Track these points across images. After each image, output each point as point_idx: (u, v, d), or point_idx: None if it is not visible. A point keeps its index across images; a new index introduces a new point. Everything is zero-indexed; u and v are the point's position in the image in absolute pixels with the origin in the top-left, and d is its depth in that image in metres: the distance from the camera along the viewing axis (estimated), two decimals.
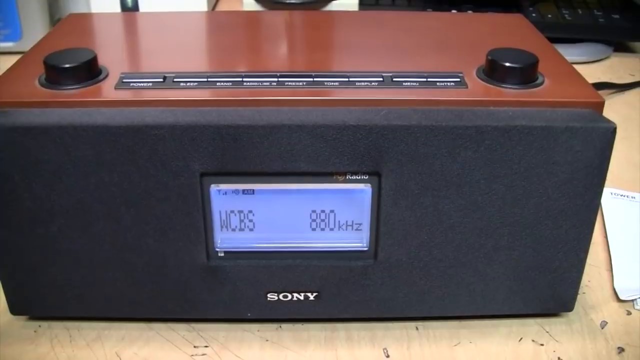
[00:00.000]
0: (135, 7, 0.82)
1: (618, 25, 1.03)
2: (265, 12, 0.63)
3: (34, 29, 1.00)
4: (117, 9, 0.81)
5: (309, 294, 0.49)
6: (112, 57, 0.51)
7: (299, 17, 0.62)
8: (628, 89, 0.92)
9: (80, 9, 1.10)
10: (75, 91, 0.45)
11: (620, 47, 1.06)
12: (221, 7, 1.21)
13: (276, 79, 0.46)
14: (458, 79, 0.47)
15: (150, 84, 0.46)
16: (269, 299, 0.49)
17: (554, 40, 0.98)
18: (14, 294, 0.49)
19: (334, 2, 0.81)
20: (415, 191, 0.45)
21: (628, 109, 0.87)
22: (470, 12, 1.05)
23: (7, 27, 0.99)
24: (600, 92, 0.87)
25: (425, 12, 0.62)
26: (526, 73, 0.47)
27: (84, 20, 0.60)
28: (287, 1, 0.79)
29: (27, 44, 0.97)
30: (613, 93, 0.91)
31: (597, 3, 1.09)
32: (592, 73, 0.98)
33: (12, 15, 0.99)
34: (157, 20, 0.60)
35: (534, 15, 1.04)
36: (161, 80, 0.46)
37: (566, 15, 1.04)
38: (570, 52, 1.00)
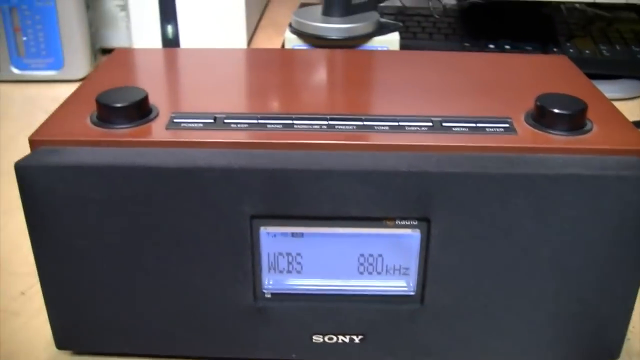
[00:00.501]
0: (176, 38, 0.83)
1: None
2: (308, 51, 0.64)
3: (76, 58, 1.01)
4: (158, 39, 0.82)
5: (354, 337, 0.49)
6: (161, 95, 0.51)
7: (340, 55, 0.62)
8: None
9: (120, 38, 1.11)
10: (127, 130, 0.46)
11: None
12: (258, 37, 1.23)
13: (326, 122, 0.47)
14: (507, 125, 0.47)
15: (201, 125, 0.46)
16: (314, 340, 0.49)
17: (591, 76, 0.99)
18: (61, 328, 0.49)
19: (375, 38, 0.82)
20: (464, 237, 0.45)
21: None
22: (507, 46, 1.05)
23: (50, 55, 1.01)
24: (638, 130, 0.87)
25: (467, 53, 0.62)
26: (575, 120, 0.47)
27: (131, 56, 0.61)
28: (329, 37, 0.79)
29: (68, 73, 1.00)
30: None
31: (634, 39, 1.09)
32: (630, 110, 0.97)
33: (55, 45, 1.00)
34: (200, 56, 0.60)
35: (571, 50, 1.04)
36: (212, 121, 0.47)
37: (604, 51, 1.04)
38: (608, 89, 1.00)
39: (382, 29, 0.83)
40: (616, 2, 0.99)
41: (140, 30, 1.05)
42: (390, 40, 0.83)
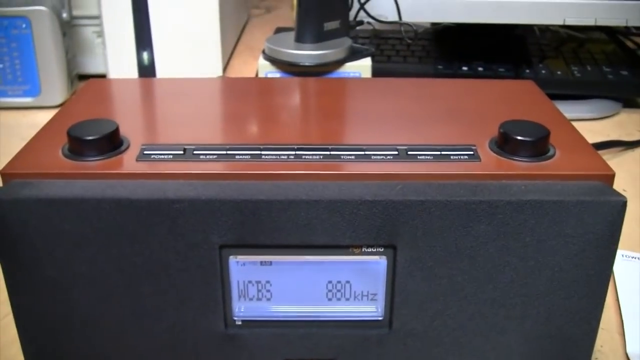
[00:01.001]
0: (152, 65, 0.83)
1: (627, 81, 1.04)
2: (280, 79, 0.65)
3: (53, 85, 1.02)
4: (134, 66, 0.82)
5: None
6: (132, 126, 0.52)
7: (313, 84, 0.63)
8: (637, 146, 0.93)
9: (97, 64, 1.12)
10: (98, 162, 0.47)
11: (629, 103, 1.07)
12: (234, 63, 1.24)
13: (294, 152, 0.48)
14: (471, 152, 0.48)
15: (171, 156, 0.47)
16: None
17: (563, 96, 1.00)
18: (34, 358, 0.50)
19: (347, 64, 0.83)
20: (430, 263, 0.46)
21: (637, 167, 0.88)
22: (481, 69, 1.06)
23: (26, 82, 1.01)
24: (609, 149, 0.89)
25: (437, 80, 0.63)
26: (538, 146, 0.48)
27: (104, 86, 0.61)
28: (301, 63, 0.80)
29: (45, 100, 1.01)
30: (622, 150, 0.92)
31: (606, 60, 1.11)
32: (601, 129, 0.99)
33: (31, 72, 1.01)
34: (174, 86, 0.61)
35: (543, 72, 1.05)
36: (181, 152, 0.48)
37: (575, 72, 1.06)
38: (579, 109, 1.02)
39: (354, 55, 0.84)
40: (587, 24, 1.00)
41: (117, 57, 1.06)
42: (363, 66, 0.84)
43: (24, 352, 0.49)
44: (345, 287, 0.48)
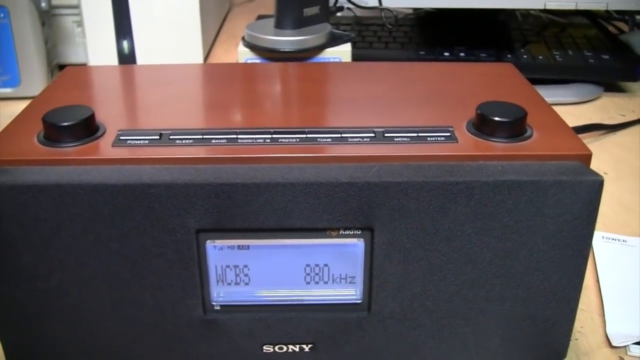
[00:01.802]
0: (132, 54, 0.83)
1: (608, 65, 1.05)
2: (259, 65, 0.65)
3: (32, 75, 1.01)
4: (114, 55, 0.82)
5: (304, 346, 0.49)
6: (109, 112, 0.52)
7: (293, 69, 0.63)
8: (619, 130, 0.94)
9: (78, 54, 1.11)
10: (74, 149, 0.46)
11: (611, 87, 1.07)
12: (216, 51, 1.23)
13: (270, 136, 0.47)
14: (448, 134, 0.48)
15: (147, 142, 0.47)
16: (264, 351, 0.49)
17: (545, 81, 1.01)
18: (13, 348, 0.49)
19: (327, 49, 0.82)
20: (407, 245, 0.46)
21: (619, 150, 0.88)
22: (462, 54, 1.06)
23: (6, 73, 1.01)
24: (591, 132, 0.89)
25: (417, 63, 0.63)
26: (515, 127, 0.48)
27: (82, 73, 0.61)
28: (281, 49, 0.80)
29: (25, 90, 1.00)
30: (604, 134, 0.92)
31: (587, 44, 1.11)
32: (583, 113, 0.99)
33: (10, 62, 1.00)
34: (153, 73, 0.61)
35: (525, 56, 1.06)
36: (157, 137, 0.47)
37: (557, 56, 1.06)
38: (561, 93, 1.02)
39: (334, 40, 0.84)
40: (567, 8, 1.01)
41: (96, 46, 1.05)
42: (343, 52, 0.84)
43: (2, 341, 0.49)
44: (324, 271, 0.48)
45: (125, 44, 0.83)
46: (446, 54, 1.07)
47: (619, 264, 0.64)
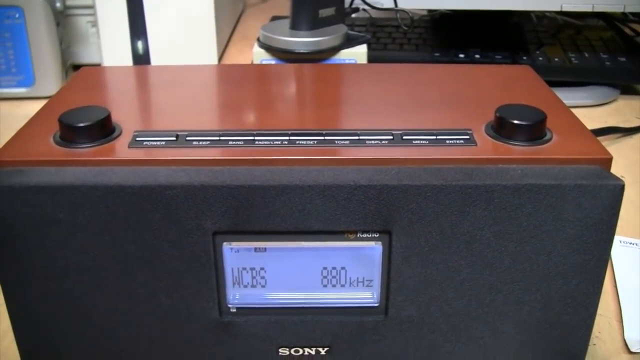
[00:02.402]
0: (147, 54, 0.83)
1: (624, 68, 1.04)
2: (275, 66, 0.64)
3: (47, 75, 1.01)
4: (128, 55, 0.82)
5: (320, 349, 0.49)
6: (125, 113, 0.51)
7: (308, 70, 0.63)
8: (635, 133, 0.93)
9: (92, 55, 1.11)
10: (90, 150, 0.46)
11: (627, 90, 1.06)
12: (230, 52, 1.23)
13: (287, 137, 0.47)
14: (467, 137, 0.47)
15: (163, 143, 0.47)
16: (280, 354, 0.49)
17: (560, 83, 1.00)
18: (28, 348, 0.49)
19: (343, 50, 0.82)
20: (426, 249, 0.45)
21: (635, 153, 0.87)
22: (477, 56, 1.06)
23: (20, 73, 1.01)
24: (607, 136, 0.89)
25: (433, 65, 0.63)
26: (534, 130, 0.47)
27: (97, 74, 0.61)
28: (296, 50, 0.79)
29: (39, 90, 1.00)
30: (620, 137, 0.92)
31: (603, 46, 1.10)
32: (599, 116, 0.98)
33: (25, 62, 1.00)
34: (168, 74, 0.60)
35: (540, 59, 1.05)
36: (174, 138, 0.47)
37: (573, 59, 1.05)
38: (577, 96, 1.01)
39: (350, 42, 0.84)
40: (584, 10, 1.00)
41: (111, 46, 1.05)
42: (358, 53, 0.83)
43: (18, 342, 0.49)
44: (341, 274, 0.47)
45: (139, 44, 0.83)
46: (461, 55, 1.06)
47: (636, 269, 0.64)
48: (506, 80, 0.59)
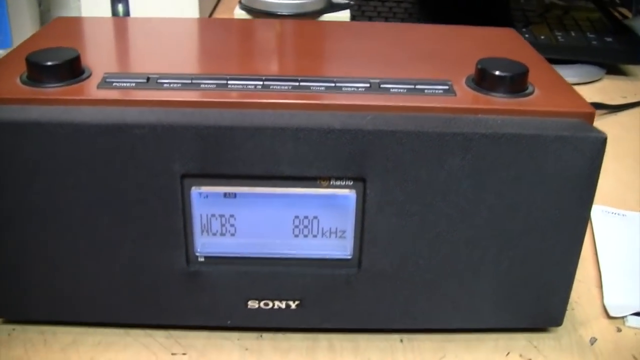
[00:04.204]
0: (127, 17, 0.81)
1: (611, 47, 1.03)
2: (257, 21, 0.63)
3: (25, 37, 0.99)
4: None
5: (290, 303, 0.48)
6: (97, 58, 0.50)
7: (290, 26, 0.61)
8: (620, 110, 0.92)
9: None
10: (57, 89, 0.45)
11: (613, 69, 1.05)
12: (214, 16, 1.21)
13: (261, 82, 0.46)
14: (447, 87, 0.46)
15: (134, 84, 0.45)
16: (249, 306, 0.48)
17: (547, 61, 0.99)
18: None
19: (325, 14, 0.81)
20: (401, 198, 0.44)
21: (620, 130, 0.86)
22: None
23: None
24: None
25: (416, 24, 0.62)
26: (516, 82, 0.46)
27: (71, 23, 0.59)
28: (279, 12, 0.78)
29: None
30: (605, 114, 0.91)
31: (590, 26, 1.09)
32: (585, 94, 0.95)
33: (3, 25, 0.98)
34: (145, 25, 0.59)
35: (527, 36, 1.04)
36: (144, 80, 0.45)
37: (559, 37, 1.04)
38: (563, 73, 0.98)
39: (332, 7, 0.83)
40: None
41: (91, 9, 1.03)
42: (341, 18, 0.82)
43: None
44: (313, 223, 0.46)
45: (120, 6, 0.81)
46: None
47: (617, 237, 0.62)
48: (490, 40, 0.58)
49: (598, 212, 0.66)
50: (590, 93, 0.98)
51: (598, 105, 0.89)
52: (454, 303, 0.48)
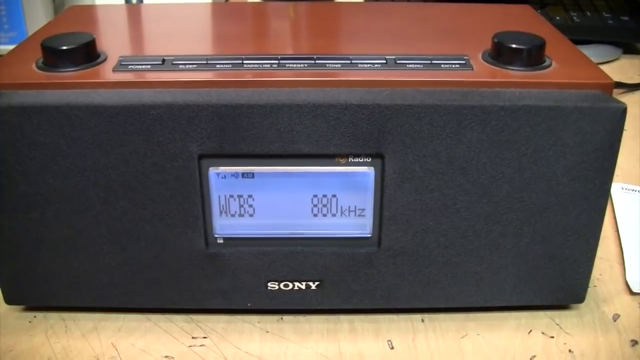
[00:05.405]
0: (140, 2, 0.81)
1: (627, 27, 1.02)
2: (271, 4, 0.62)
3: None
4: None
5: (310, 283, 0.47)
6: (112, 43, 0.50)
7: (304, 7, 0.61)
8: (638, 89, 0.91)
9: None
10: (73, 74, 0.45)
11: (630, 48, 1.04)
12: None
13: (277, 61, 0.45)
14: (463, 62, 0.46)
15: (149, 67, 0.45)
16: (269, 288, 0.47)
17: None
18: (9, 283, 0.48)
19: None
20: (420, 174, 0.44)
21: (638, 108, 0.85)
22: None
23: (13, 29, 0.99)
24: None
25: (431, 3, 0.61)
26: (533, 55, 0.46)
27: (86, 11, 0.59)
28: None
29: None
30: (623, 93, 0.90)
31: (605, 5, 1.08)
32: None
33: (18, 19, 0.98)
34: (160, 10, 0.59)
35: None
36: (160, 62, 0.45)
37: (575, 17, 1.03)
38: None
39: None
40: None
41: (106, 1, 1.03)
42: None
43: None
44: (332, 202, 0.46)
45: None
46: None
47: (638, 214, 0.62)
48: (505, 17, 0.57)
49: (618, 189, 0.65)
50: (608, 73, 0.95)
51: (616, 85, 0.88)
52: (475, 280, 0.47)
